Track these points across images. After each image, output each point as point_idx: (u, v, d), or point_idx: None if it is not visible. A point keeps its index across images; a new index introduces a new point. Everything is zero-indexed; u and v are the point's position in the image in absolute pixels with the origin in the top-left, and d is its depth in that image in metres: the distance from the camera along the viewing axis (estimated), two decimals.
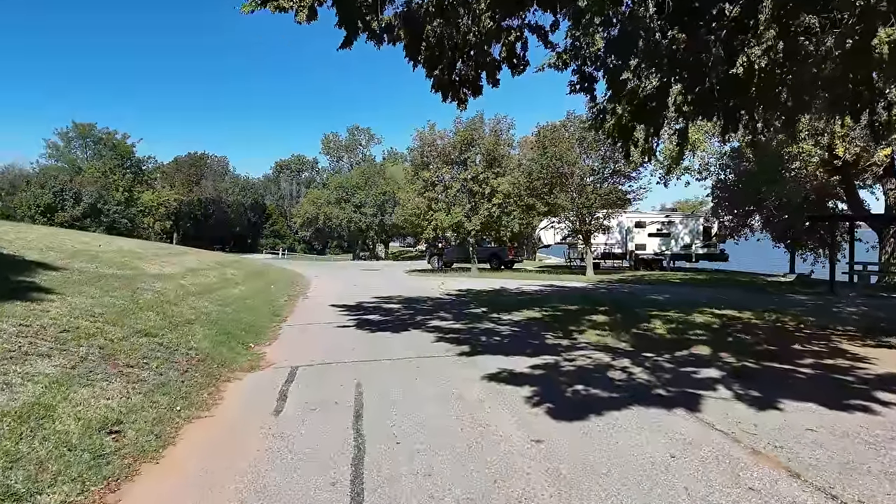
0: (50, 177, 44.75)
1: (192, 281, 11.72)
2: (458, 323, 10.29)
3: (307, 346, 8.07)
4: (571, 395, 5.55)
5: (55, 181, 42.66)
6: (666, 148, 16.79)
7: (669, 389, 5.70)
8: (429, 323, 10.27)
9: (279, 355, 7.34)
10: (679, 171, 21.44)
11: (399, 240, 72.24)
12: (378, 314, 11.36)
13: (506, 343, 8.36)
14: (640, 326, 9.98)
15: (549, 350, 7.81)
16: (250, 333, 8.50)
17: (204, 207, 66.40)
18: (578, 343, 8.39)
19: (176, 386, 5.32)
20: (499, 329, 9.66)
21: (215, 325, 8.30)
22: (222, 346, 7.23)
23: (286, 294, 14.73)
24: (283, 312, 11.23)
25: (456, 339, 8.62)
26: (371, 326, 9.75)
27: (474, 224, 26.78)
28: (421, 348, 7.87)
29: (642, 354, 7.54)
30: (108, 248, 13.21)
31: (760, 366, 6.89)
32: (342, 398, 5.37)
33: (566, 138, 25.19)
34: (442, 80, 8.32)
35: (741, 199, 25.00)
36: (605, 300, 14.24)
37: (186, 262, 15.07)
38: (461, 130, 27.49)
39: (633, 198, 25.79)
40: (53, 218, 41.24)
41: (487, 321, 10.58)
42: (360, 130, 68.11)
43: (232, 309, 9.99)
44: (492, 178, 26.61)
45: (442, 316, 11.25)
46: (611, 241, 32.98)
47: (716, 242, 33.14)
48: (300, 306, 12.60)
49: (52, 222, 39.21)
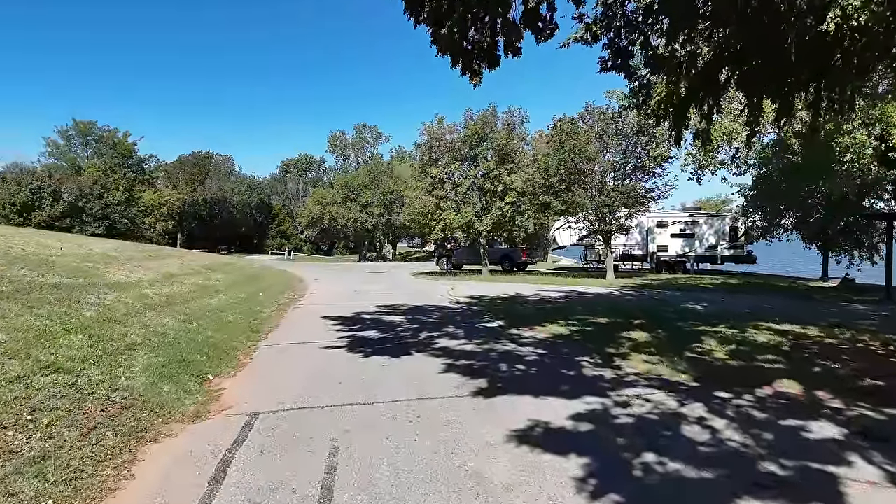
0: (27, 173, 42.33)
1: (160, 290, 10.07)
2: (470, 343, 8.55)
3: (281, 377, 6.37)
4: (643, 473, 3.79)
5: (32, 178, 40.45)
6: (713, 129, 14.89)
7: (784, 464, 3.92)
8: (435, 342, 8.53)
9: (241, 393, 5.64)
10: (714, 166, 19.43)
11: (407, 240, 70.58)
12: (376, 329, 9.65)
13: (533, 374, 6.61)
14: (693, 348, 8.19)
15: (590, 386, 6.05)
16: (213, 359, 6.82)
17: (209, 208, 65.11)
18: (625, 374, 6.62)
19: (63, 460, 3.63)
20: (521, 352, 7.90)
21: (168, 349, 6.63)
22: (167, 382, 5.54)
23: (276, 302, 13.07)
24: (264, 327, 9.55)
25: (469, 367, 6.89)
26: (366, 347, 8.04)
27: (486, 224, 25.00)
28: (424, 382, 6.14)
29: (714, 394, 5.75)
30: (71, 252, 11.62)
31: (885, 415, 5.09)
32: (305, 479, 3.66)
33: (585, 131, 23.36)
34: (450, 41, 6.56)
35: (781, 195, 22.85)
36: (636, 311, 12.45)
37: (166, 267, 13.47)
38: (471, 124, 25.75)
39: (658, 196, 23.88)
40: (30, 217, 39.17)
41: (506, 339, 8.82)
42: (368, 128, 66.43)
43: (199, 326, 8.31)
44: (504, 175, 24.82)
45: (451, 332, 9.51)
46: (630, 242, 31.07)
47: (743, 243, 31.14)
48: (288, 318, 10.92)
49: (28, 222, 37.40)
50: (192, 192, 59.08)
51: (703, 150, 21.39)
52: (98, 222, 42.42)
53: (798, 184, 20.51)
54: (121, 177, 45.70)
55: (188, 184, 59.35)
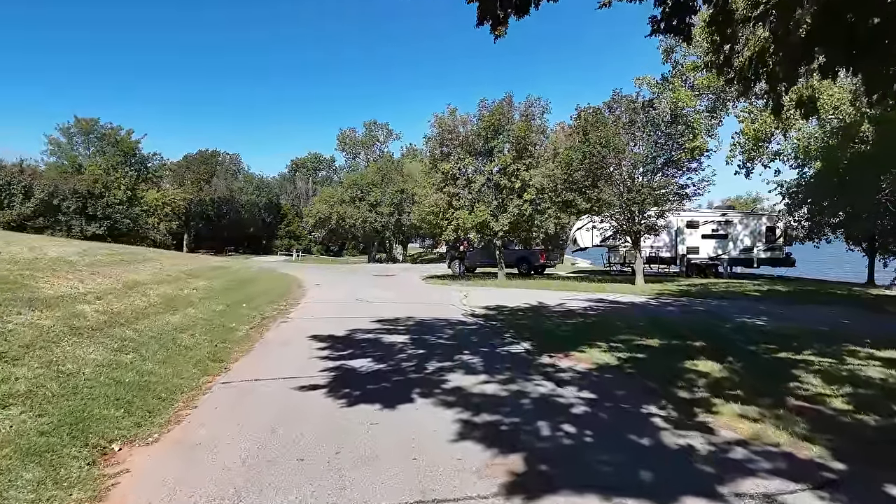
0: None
1: (105, 306, 8.15)
2: (492, 379, 6.49)
3: (222, 446, 4.36)
4: None
5: (2, 172, 38.27)
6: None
7: None
8: (446, 379, 6.48)
9: (150, 481, 3.66)
10: (767, 157, 17.04)
11: (418, 241, 68.60)
12: (371, 357, 7.62)
13: (589, 444, 4.52)
14: (792, 389, 6.07)
15: (683, 472, 3.96)
16: (135, 413, 4.84)
17: (216, 207, 63.75)
18: (724, 443, 4.51)
19: None
20: (563, 397, 5.82)
21: (67, 401, 4.68)
22: (32, 466, 3.58)
23: (260, 315, 11.13)
24: (232, 354, 7.57)
25: (494, 427, 4.84)
26: (353, 388, 6.02)
27: (502, 224, 22.87)
28: (429, 461, 4.10)
29: (884, 488, 3.65)
30: (14, 257, 9.77)
31: None
32: None
33: (611, 122, 21.16)
34: None
35: (839, 190, 20.22)
36: (687, 328, 10.33)
37: (134, 274, 11.59)
38: (486, 115, 23.62)
39: (693, 192, 21.61)
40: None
41: (537, 375, 6.75)
42: (378, 126, 64.54)
43: (137, 357, 6.36)
44: (522, 171, 22.68)
45: (466, 361, 7.47)
46: (657, 243, 28.75)
47: (781, 245, 28.68)
48: (267, 339, 8.95)
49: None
50: (199, 192, 57.66)
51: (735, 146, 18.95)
52: (99, 222, 40.98)
53: (864, 177, 17.95)
54: (123, 175, 44.21)
55: (194, 183, 57.92)
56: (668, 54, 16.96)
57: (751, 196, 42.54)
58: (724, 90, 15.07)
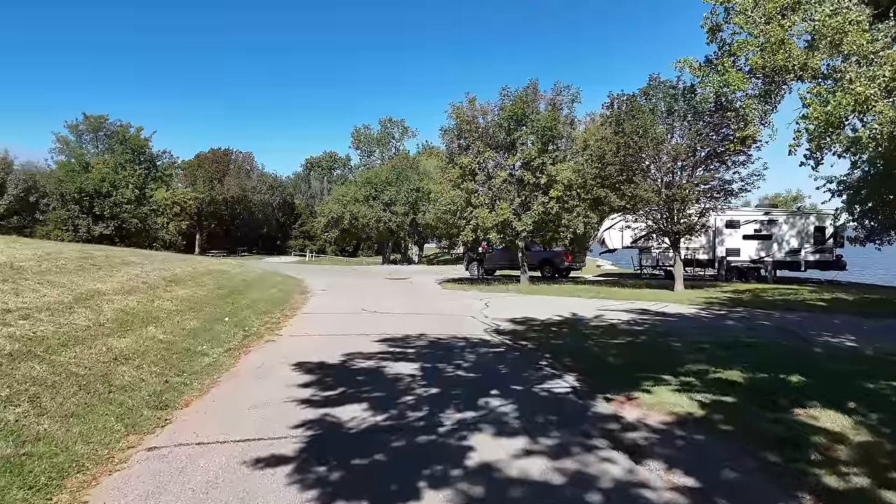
0: None
1: (28, 329, 6.30)
2: (535, 447, 4.49)
3: None
4: None
5: None
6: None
7: None
8: (468, 446, 4.50)
9: None
10: (843, 143, 14.75)
11: (435, 241, 66.74)
12: (367, 402, 5.68)
13: None
14: None
15: None
16: None
17: (229, 207, 62.61)
18: None
19: None
20: (647, 485, 3.81)
21: None
22: None
23: (243, 332, 9.29)
24: (180, 397, 5.68)
25: None
26: (331, 466, 4.07)
27: (525, 223, 20.79)
28: None
29: None
30: None
31: None
32: None
33: (648, 110, 18.96)
34: None
35: None
36: (767, 353, 8.28)
37: (96, 283, 9.83)
38: (508, 105, 21.54)
39: (741, 188, 19.32)
40: None
41: (599, 436, 4.75)
42: (394, 122, 62.90)
43: (29, 410, 4.49)
44: (549, 165, 20.58)
45: (495, 410, 5.48)
46: (694, 244, 26.36)
47: (831, 247, 26.10)
48: (238, 371, 7.06)
49: None
50: (211, 191, 56.46)
51: (798, 134, 16.58)
52: (106, 222, 39.82)
53: None
54: (131, 174, 43.01)
55: (206, 182, 56.74)
56: (714, 33, 14.70)
57: (791, 193, 39.71)
58: (785, 70, 12.82)
